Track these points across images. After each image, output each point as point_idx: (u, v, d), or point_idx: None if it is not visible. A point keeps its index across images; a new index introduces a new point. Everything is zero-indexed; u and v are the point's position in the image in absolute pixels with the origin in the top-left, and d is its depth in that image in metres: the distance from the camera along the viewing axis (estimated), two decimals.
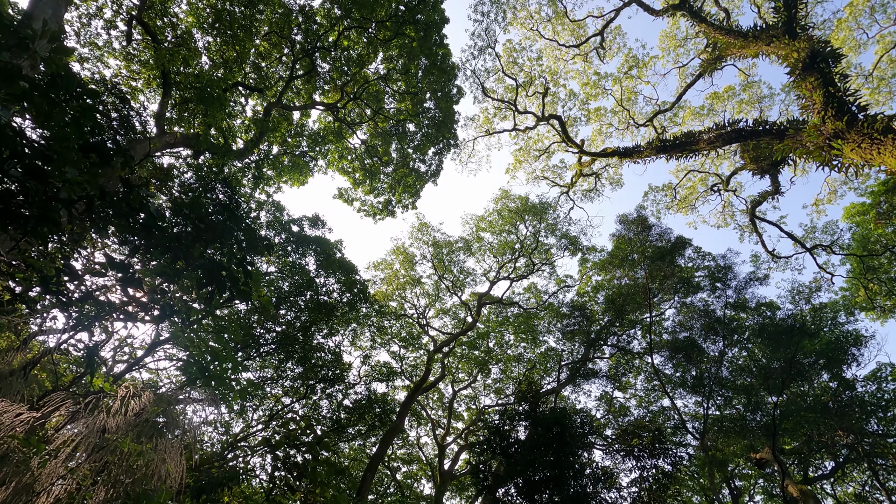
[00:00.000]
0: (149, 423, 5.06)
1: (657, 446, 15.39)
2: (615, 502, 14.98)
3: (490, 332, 26.13)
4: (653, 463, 15.52)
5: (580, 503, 12.55)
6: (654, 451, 15.46)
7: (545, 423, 13.36)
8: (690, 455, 15.21)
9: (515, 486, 13.25)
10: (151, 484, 3.72)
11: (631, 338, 22.39)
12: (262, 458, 14.37)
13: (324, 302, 20.91)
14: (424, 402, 27.82)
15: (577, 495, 12.43)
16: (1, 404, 3.61)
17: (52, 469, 3.21)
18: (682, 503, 14.87)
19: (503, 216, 23.87)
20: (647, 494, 15.12)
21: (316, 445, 7.15)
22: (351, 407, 21.70)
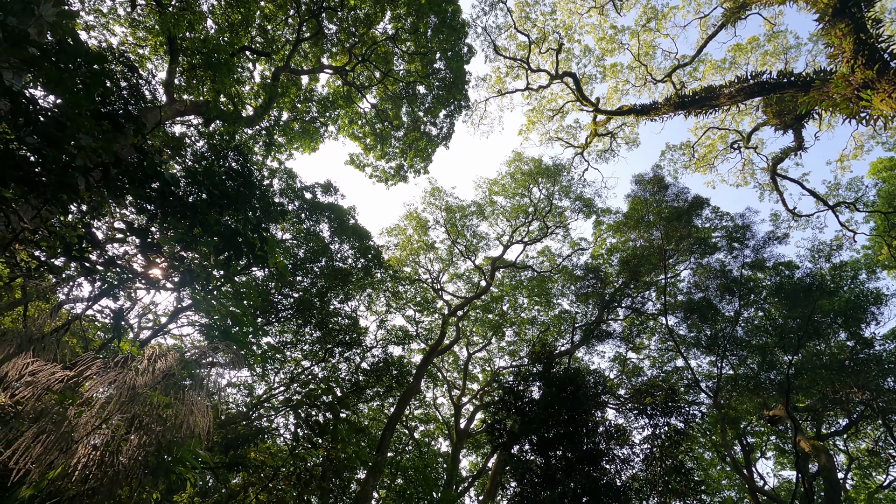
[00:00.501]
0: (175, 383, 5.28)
1: (670, 404, 15.60)
2: (628, 458, 15.37)
3: (504, 296, 26.31)
4: (665, 421, 15.78)
5: (593, 459, 12.89)
6: (666, 410, 15.69)
7: (559, 382, 13.58)
8: (703, 413, 15.41)
9: (529, 443, 13.62)
10: (181, 433, 3.92)
11: (645, 300, 22.37)
12: (286, 418, 14.96)
13: (339, 268, 21.17)
14: (440, 365, 28.42)
15: (590, 451, 12.76)
16: (36, 363, 3.80)
17: (87, 420, 3.41)
18: (693, 459, 15.16)
19: (516, 179, 23.57)
20: (660, 451, 15.47)
21: (336, 405, 7.41)
22: (368, 369, 22.26)
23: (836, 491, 9.32)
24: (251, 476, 7.72)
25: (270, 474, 7.57)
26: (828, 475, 9.96)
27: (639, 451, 15.93)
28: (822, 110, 10.16)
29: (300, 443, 7.76)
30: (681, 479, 14.62)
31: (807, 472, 9.72)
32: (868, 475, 21.16)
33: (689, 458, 15.33)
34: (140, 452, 3.34)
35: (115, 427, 3.21)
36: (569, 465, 12.74)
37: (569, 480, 12.10)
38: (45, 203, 4.42)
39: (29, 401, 3.38)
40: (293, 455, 7.74)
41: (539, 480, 12.10)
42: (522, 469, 12.65)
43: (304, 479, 7.74)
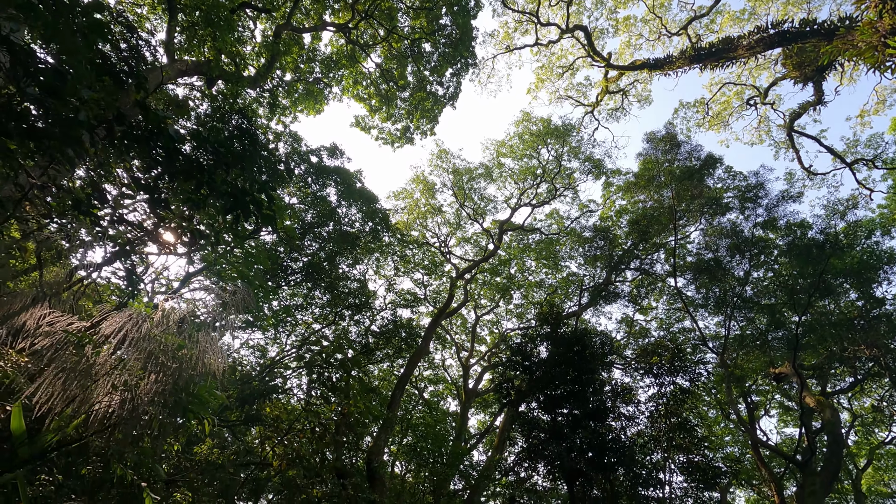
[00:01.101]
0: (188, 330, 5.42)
1: (676, 364, 15.79)
2: (633, 416, 15.70)
3: (511, 259, 26.34)
4: (671, 380, 16.01)
5: (599, 416, 13.18)
6: (672, 369, 15.89)
7: (566, 341, 13.74)
8: (709, 372, 15.59)
9: (537, 401, 13.94)
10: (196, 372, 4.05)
11: (654, 261, 22.31)
12: (298, 378, 15.35)
13: (346, 232, 21.22)
14: (448, 327, 28.82)
15: (596, 408, 13.04)
16: (53, 314, 3.89)
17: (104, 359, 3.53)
18: (698, 416, 15.43)
19: (524, 140, 23.14)
20: (665, 409, 15.76)
21: (348, 362, 7.56)
22: (378, 332, 22.61)
23: (840, 444, 9.50)
24: (267, 430, 7.96)
25: (286, 428, 7.80)
26: (831, 429, 10.14)
27: (644, 409, 16.26)
28: (844, 61, 9.74)
29: (313, 399, 7.98)
30: (685, 435, 14.96)
31: (810, 427, 9.89)
32: (871, 432, 21.52)
33: (694, 416, 15.63)
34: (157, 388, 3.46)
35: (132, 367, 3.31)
36: (575, 422, 13.06)
37: (575, 436, 12.43)
38: (52, 161, 4.40)
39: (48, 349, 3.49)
40: (307, 411, 7.96)
41: (546, 436, 12.43)
42: (530, 425, 12.99)
43: (318, 433, 7.99)
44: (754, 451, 15.99)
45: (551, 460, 12.08)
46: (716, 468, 14.35)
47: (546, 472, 12.62)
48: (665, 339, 16.64)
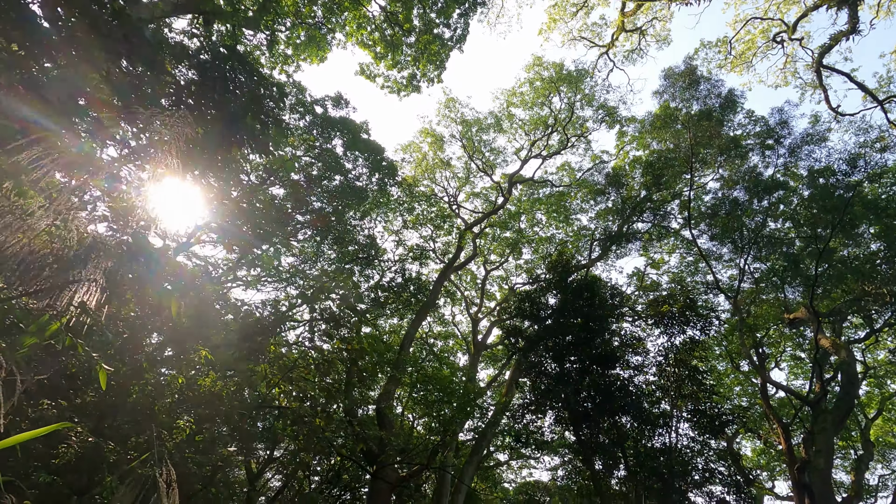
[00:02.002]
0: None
1: (687, 313, 15.56)
2: (641, 365, 15.64)
3: (521, 213, 25.92)
4: (680, 329, 15.83)
5: (607, 362, 13.13)
6: (683, 319, 15.69)
7: (575, 290, 13.55)
8: (720, 321, 15.36)
9: (545, 348, 13.89)
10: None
11: (667, 213, 21.78)
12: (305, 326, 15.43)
13: (354, 186, 20.92)
14: (458, 283, 28.81)
15: (604, 355, 12.96)
16: None
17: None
18: (707, 365, 15.31)
19: (535, 88, 22.22)
20: (674, 359, 15.67)
21: (349, 296, 7.43)
22: (387, 286, 22.65)
23: (854, 385, 9.33)
24: (272, 368, 7.95)
25: (290, 364, 7.78)
26: (847, 369, 9.94)
27: (652, 359, 16.18)
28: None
29: (316, 334, 7.91)
30: (693, 384, 14.92)
31: (823, 368, 9.71)
32: (883, 384, 21.37)
33: (703, 365, 15.51)
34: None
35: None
36: (582, 368, 13.05)
37: (582, 381, 12.42)
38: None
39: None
40: (310, 347, 7.90)
41: (553, 381, 12.44)
42: (537, 370, 12.98)
43: (322, 369, 7.97)
44: (763, 399, 15.94)
45: (558, 404, 12.12)
46: (723, 416, 14.36)
47: (553, 417, 12.71)
48: (676, 290, 16.36)
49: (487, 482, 33.25)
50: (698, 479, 13.22)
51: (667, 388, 15.45)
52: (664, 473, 11.25)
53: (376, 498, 14.45)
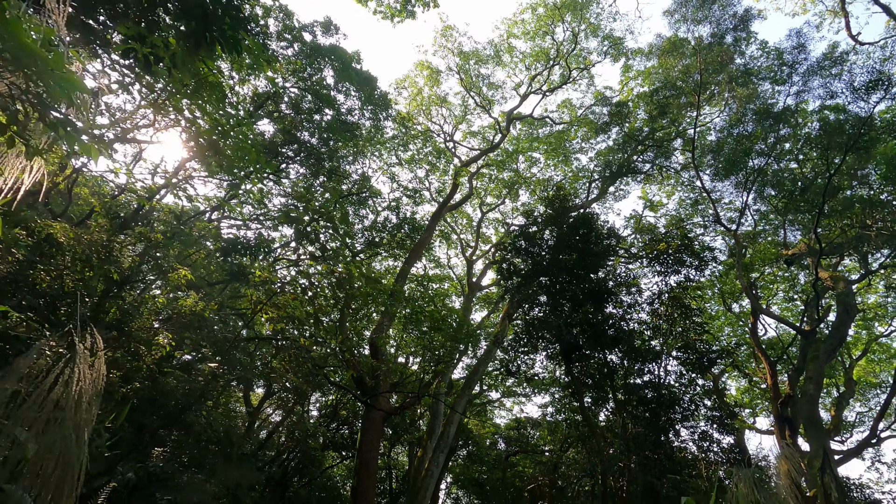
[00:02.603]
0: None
1: (683, 253, 15.39)
2: (634, 304, 15.62)
3: (519, 153, 25.21)
4: (675, 269, 15.71)
5: (600, 299, 13.03)
6: (678, 258, 15.53)
7: (571, 225, 13.24)
8: (716, 261, 15.21)
9: (538, 285, 13.78)
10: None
11: (671, 151, 21.19)
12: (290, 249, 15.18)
13: (346, 121, 20.08)
14: (453, 225, 28.52)
15: (597, 291, 12.84)
16: None
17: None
18: (701, 303, 15.29)
19: (538, 15, 20.88)
20: (668, 298, 15.65)
21: (333, 214, 7.09)
22: (381, 226, 22.34)
23: (850, 315, 9.31)
24: (257, 293, 7.72)
25: (276, 290, 7.56)
26: (844, 300, 9.90)
27: (646, 298, 16.17)
28: None
29: (301, 256, 7.64)
30: (685, 321, 14.99)
31: (820, 299, 9.65)
32: (870, 326, 21.70)
33: (696, 304, 15.53)
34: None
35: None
36: (575, 302, 12.97)
37: (574, 315, 12.38)
38: None
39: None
40: (298, 272, 7.65)
41: (545, 313, 12.38)
42: (530, 305, 12.91)
43: (311, 294, 7.76)
44: (753, 337, 16.13)
45: (549, 337, 12.14)
46: (712, 354, 14.53)
47: (544, 351, 12.79)
48: (673, 228, 16.10)
49: (480, 417, 34.57)
50: (684, 413, 13.53)
51: (658, 326, 15.56)
52: (652, 405, 11.45)
53: (370, 428, 14.84)
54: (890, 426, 21.64)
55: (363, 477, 13.92)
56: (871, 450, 19.56)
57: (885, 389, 22.47)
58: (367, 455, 14.33)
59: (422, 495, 14.98)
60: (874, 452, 19.26)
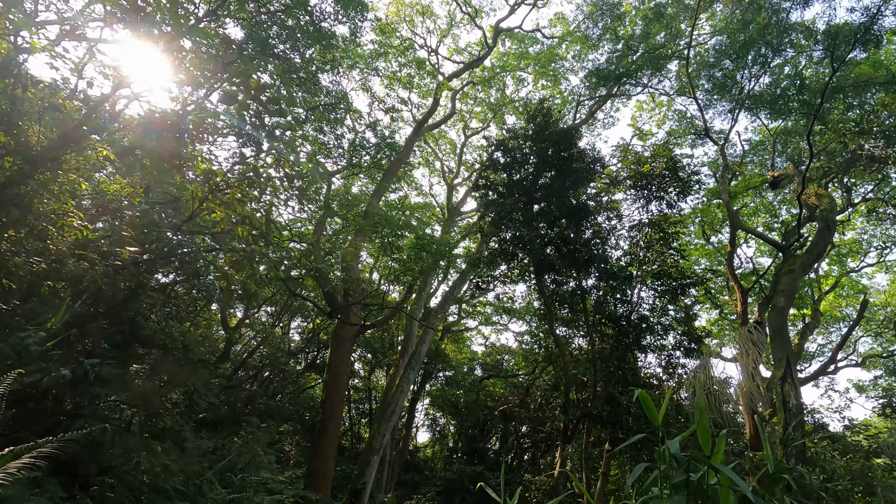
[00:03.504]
0: None
1: (668, 177, 14.86)
2: (612, 229, 15.26)
3: (506, 70, 23.74)
4: (658, 194, 15.25)
5: (577, 216, 12.56)
6: (662, 182, 15.01)
7: (553, 140, 12.48)
8: (701, 185, 14.77)
9: (515, 202, 13.21)
10: None
11: (663, 76, 20.06)
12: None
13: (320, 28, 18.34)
14: (436, 150, 27.43)
15: (575, 209, 12.34)
16: None
17: None
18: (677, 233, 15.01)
19: None
20: (647, 222, 15.30)
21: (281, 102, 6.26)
22: (360, 147, 21.27)
23: (830, 230, 9.06)
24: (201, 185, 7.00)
25: (221, 184, 6.85)
26: (826, 216, 9.63)
27: (625, 223, 15.81)
28: None
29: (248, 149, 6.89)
30: (663, 248, 14.77)
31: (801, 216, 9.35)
32: (843, 262, 21.94)
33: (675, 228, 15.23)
34: None
35: None
36: (552, 222, 12.53)
37: (550, 232, 11.97)
38: None
39: None
40: (241, 162, 6.91)
41: (521, 230, 11.93)
42: (506, 220, 12.39)
43: (261, 189, 7.10)
44: (728, 266, 16.08)
45: (522, 252, 11.77)
46: (685, 281, 14.43)
47: (517, 267, 12.47)
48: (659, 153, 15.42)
49: (458, 345, 35.40)
50: (653, 337, 13.60)
51: (635, 253, 15.33)
52: (622, 324, 11.37)
53: (339, 345, 14.79)
54: (847, 357, 22.52)
55: (332, 389, 14.02)
56: (825, 378, 20.39)
57: (849, 323, 23.19)
58: (337, 370, 14.37)
59: (391, 410, 15.25)
60: (829, 381, 20.12)
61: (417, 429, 34.14)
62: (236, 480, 9.69)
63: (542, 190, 12.75)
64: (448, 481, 21.83)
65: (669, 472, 4.02)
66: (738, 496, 3.89)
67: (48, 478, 6.10)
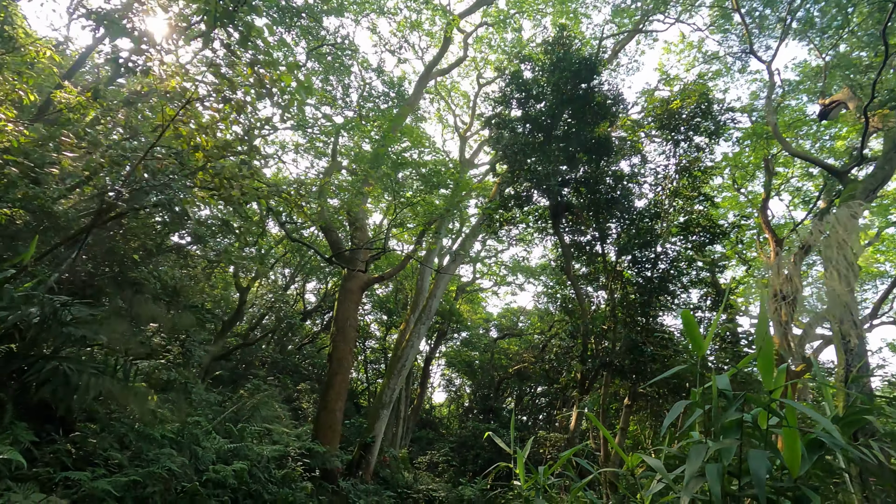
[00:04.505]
0: None
1: (699, 114, 13.53)
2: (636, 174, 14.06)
3: (523, 12, 22.07)
4: (687, 135, 13.96)
5: (599, 153, 11.46)
6: (692, 122, 13.70)
7: (573, 68, 11.24)
8: (735, 123, 13.44)
9: (531, 142, 12.14)
10: None
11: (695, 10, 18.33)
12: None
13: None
14: (448, 99, 26.12)
15: (596, 145, 11.22)
16: None
17: None
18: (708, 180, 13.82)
19: None
20: (676, 169, 14.08)
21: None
22: (366, 95, 20.18)
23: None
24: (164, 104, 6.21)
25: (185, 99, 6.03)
26: (892, 135, 8.42)
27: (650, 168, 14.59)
28: None
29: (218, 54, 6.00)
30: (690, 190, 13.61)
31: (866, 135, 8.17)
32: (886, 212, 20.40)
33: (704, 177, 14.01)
34: None
35: None
36: (571, 162, 11.47)
37: (569, 172, 10.93)
38: None
39: None
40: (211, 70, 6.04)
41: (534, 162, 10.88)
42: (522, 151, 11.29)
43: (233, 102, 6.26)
44: (762, 214, 14.88)
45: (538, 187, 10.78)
46: (715, 230, 13.33)
47: (533, 210, 11.54)
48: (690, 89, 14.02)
49: (473, 305, 34.88)
50: (679, 287, 12.65)
51: (660, 202, 14.19)
52: (646, 267, 10.45)
53: (346, 297, 14.22)
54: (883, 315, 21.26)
55: (339, 343, 13.54)
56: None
57: (886, 281, 21.85)
58: (344, 323, 13.85)
59: (401, 364, 14.78)
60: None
61: (433, 389, 34.15)
62: (236, 430, 9.30)
63: (560, 126, 11.64)
64: (462, 438, 21.66)
65: (716, 413, 3.25)
66: (805, 439, 3.11)
67: (16, 421, 5.64)
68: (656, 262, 12.10)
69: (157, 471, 6.42)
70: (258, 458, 8.77)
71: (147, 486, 6.42)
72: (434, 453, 21.61)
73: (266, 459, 9.10)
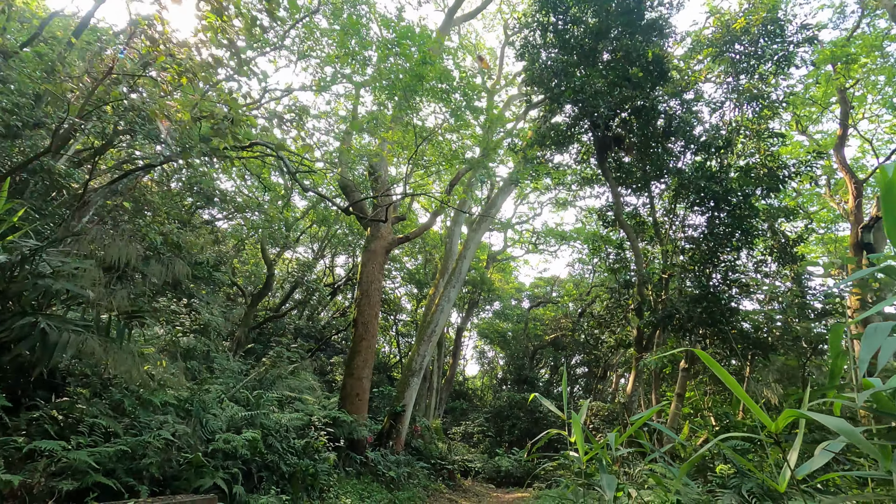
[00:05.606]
0: None
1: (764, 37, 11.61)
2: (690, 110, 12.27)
3: None
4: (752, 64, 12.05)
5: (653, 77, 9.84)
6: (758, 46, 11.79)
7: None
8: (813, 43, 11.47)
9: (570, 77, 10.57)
10: None
11: None
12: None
13: None
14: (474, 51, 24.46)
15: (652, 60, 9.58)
16: None
17: None
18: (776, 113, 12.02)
19: None
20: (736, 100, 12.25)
21: None
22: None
23: None
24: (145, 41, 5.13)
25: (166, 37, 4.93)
26: None
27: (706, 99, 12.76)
28: None
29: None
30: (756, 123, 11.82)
31: None
32: None
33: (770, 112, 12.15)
34: None
35: None
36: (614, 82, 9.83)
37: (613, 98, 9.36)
38: None
39: None
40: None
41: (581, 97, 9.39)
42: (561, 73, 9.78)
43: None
44: (837, 154, 12.94)
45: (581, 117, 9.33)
46: (785, 169, 11.55)
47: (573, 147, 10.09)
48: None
49: (505, 275, 33.61)
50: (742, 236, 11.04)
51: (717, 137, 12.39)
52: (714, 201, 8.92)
53: (370, 260, 13.25)
54: None
55: (363, 307, 12.63)
56: None
57: None
58: (368, 286, 12.92)
59: (430, 330, 13.82)
60: None
61: (466, 362, 33.38)
62: (252, 397, 8.52)
63: (606, 48, 10.04)
64: (497, 408, 20.77)
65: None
66: None
67: None
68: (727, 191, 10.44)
69: (151, 440, 5.60)
70: (276, 426, 7.96)
71: (144, 457, 5.63)
72: (468, 423, 20.83)
73: (285, 429, 8.31)
